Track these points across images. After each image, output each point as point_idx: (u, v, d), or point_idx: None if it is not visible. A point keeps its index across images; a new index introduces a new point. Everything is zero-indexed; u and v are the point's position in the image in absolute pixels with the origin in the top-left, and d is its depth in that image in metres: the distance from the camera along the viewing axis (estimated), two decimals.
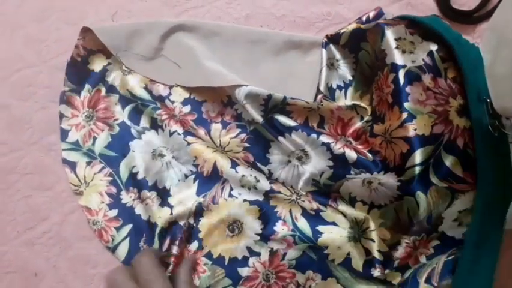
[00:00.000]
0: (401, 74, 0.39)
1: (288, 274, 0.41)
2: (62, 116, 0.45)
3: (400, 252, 0.40)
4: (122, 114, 0.45)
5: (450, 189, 0.38)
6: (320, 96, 0.45)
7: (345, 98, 0.46)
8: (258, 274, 0.41)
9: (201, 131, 0.45)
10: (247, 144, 0.45)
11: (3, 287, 0.41)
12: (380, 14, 0.48)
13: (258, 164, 0.44)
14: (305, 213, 0.43)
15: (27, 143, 0.46)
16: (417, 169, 0.37)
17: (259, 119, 0.44)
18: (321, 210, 0.43)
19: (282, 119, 0.44)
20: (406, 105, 0.38)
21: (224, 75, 0.45)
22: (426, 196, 0.37)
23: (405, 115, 0.38)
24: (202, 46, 0.47)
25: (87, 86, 0.46)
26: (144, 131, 0.45)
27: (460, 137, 0.37)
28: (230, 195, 0.43)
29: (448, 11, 0.52)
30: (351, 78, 0.46)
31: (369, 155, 0.42)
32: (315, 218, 0.42)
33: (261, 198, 0.43)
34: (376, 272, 0.40)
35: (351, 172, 0.42)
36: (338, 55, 0.47)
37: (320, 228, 0.42)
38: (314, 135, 0.43)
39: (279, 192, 0.43)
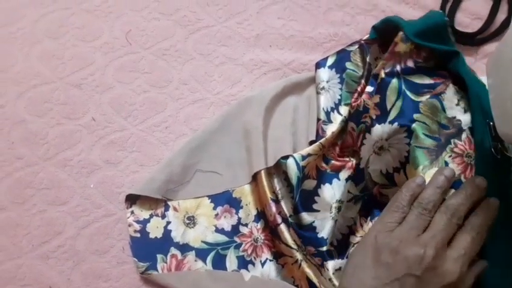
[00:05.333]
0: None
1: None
2: None
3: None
4: (206, 268, 0.43)
5: (432, 96, 0.41)
6: (319, 122, 0.47)
7: (341, 115, 0.48)
8: None
9: (277, 242, 0.43)
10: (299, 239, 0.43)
11: None
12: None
13: (320, 249, 0.42)
14: None
15: (42, 158, 0.47)
16: (399, 103, 0.41)
17: (290, 209, 0.44)
18: None
19: (307, 184, 0.44)
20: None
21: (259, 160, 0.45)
22: (422, 113, 0.41)
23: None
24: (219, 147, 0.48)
25: (159, 256, 0.43)
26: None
27: (410, 58, 0.43)
28: None
29: (452, 32, 0.54)
30: (339, 97, 0.48)
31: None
32: None
33: None
34: None
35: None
36: (326, 77, 0.49)
37: None
38: (335, 180, 0.44)
39: None
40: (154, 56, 0.52)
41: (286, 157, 0.45)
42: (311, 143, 0.47)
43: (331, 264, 0.42)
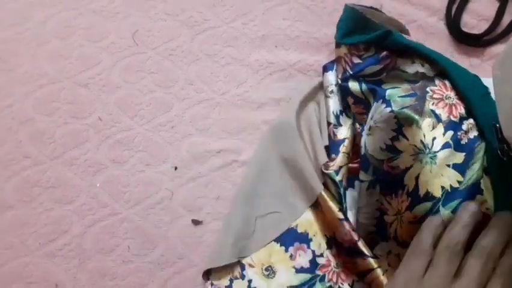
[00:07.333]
0: None
1: None
2: None
3: None
4: None
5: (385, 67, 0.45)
6: (330, 126, 0.47)
7: (349, 118, 0.47)
8: None
9: (358, 261, 0.42)
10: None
11: None
12: None
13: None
14: None
15: (50, 157, 0.47)
16: (365, 90, 0.45)
17: None
18: None
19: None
20: None
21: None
22: (387, 82, 0.44)
23: None
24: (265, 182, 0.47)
25: None
26: None
27: (353, 56, 0.46)
28: None
29: (458, 34, 0.54)
30: None
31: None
32: None
33: None
34: None
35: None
36: (334, 80, 0.49)
37: None
38: (356, 182, 0.44)
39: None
40: (160, 56, 0.52)
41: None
42: (326, 148, 0.47)
43: (380, 249, 0.42)
